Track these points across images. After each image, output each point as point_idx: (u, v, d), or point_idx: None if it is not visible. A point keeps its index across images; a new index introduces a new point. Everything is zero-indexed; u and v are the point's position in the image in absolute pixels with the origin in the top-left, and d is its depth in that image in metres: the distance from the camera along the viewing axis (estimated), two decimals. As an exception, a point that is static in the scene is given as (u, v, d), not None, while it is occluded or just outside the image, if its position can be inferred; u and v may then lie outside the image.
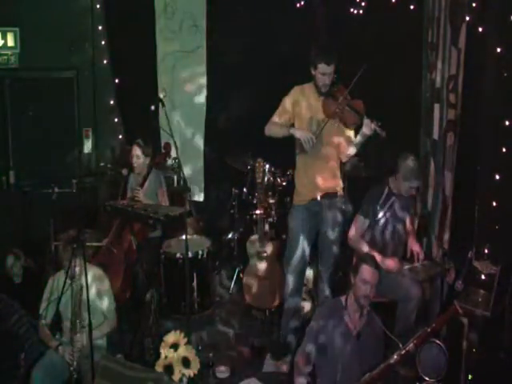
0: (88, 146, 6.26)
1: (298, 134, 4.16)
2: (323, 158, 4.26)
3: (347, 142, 4.27)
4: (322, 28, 5.54)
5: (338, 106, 4.11)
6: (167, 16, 6.20)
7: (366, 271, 3.49)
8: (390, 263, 4.18)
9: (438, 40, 4.77)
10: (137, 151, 4.94)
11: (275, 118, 4.30)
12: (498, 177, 3.84)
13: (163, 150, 5.55)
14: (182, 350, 3.81)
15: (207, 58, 6.22)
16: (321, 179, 4.27)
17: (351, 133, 4.26)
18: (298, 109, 4.24)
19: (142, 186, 4.81)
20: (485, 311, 3.60)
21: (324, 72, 4.09)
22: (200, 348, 4.40)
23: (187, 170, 6.21)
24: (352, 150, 4.27)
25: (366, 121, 4.05)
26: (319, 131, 4.13)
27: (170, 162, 5.89)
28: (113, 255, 4.71)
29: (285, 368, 4.26)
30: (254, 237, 5.16)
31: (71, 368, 3.72)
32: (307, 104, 4.23)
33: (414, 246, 4.36)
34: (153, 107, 6.11)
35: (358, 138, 4.16)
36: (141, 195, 4.74)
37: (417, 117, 5.31)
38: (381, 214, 4.27)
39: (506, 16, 3.71)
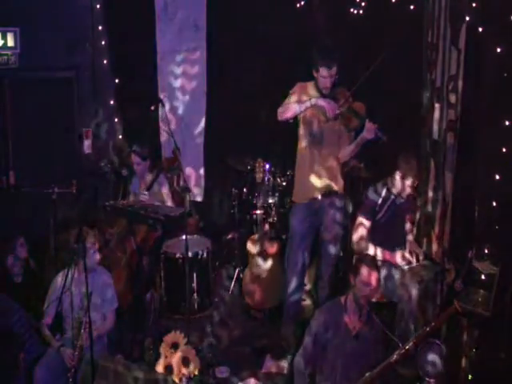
0: (88, 146, 6.26)
1: (321, 102, 4.11)
2: (324, 157, 4.26)
3: (348, 143, 4.27)
4: (322, 29, 5.54)
5: (340, 108, 4.10)
6: (167, 16, 6.20)
7: (366, 272, 3.49)
8: (398, 257, 4.19)
9: (437, 40, 4.76)
10: (136, 159, 4.96)
11: (288, 101, 4.26)
12: (497, 177, 3.84)
13: (164, 155, 5.54)
14: (182, 350, 3.80)
15: (207, 58, 6.22)
16: (321, 178, 4.27)
17: (352, 134, 4.26)
18: None
19: (148, 189, 4.81)
20: (485, 311, 3.60)
21: (325, 75, 4.08)
22: (200, 348, 4.40)
23: (187, 170, 6.21)
24: (350, 152, 4.27)
25: (368, 125, 4.03)
26: (343, 104, 4.08)
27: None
28: (116, 258, 4.71)
29: (285, 368, 4.26)
30: (254, 237, 5.16)
31: (68, 374, 3.71)
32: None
33: (414, 246, 4.36)
34: (153, 107, 6.13)
35: (358, 140, 4.16)
36: (147, 199, 4.74)
37: (417, 117, 5.31)
38: (380, 214, 4.28)
39: (506, 16, 3.71)
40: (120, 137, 6.32)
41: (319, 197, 4.30)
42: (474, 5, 4.01)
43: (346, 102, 4.09)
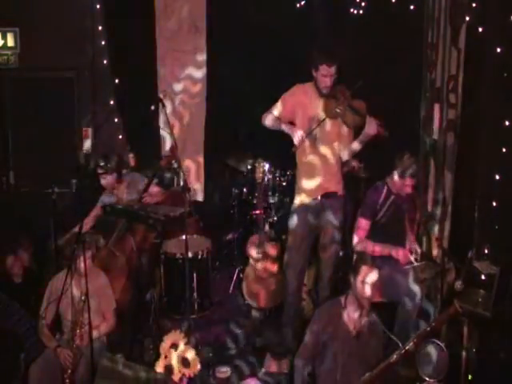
0: (88, 146, 6.26)
1: (288, 129, 4.14)
2: (324, 157, 4.25)
3: (348, 142, 4.26)
4: (322, 28, 5.55)
5: (339, 107, 4.09)
6: (167, 16, 6.20)
7: (366, 272, 3.49)
8: (401, 254, 4.21)
9: (437, 40, 4.77)
10: (101, 172, 4.75)
11: (273, 110, 4.29)
12: (497, 177, 3.85)
13: (165, 153, 5.53)
14: (182, 350, 3.80)
15: (207, 59, 6.22)
16: (321, 179, 4.26)
17: (352, 133, 4.26)
18: (299, 108, 4.22)
19: (145, 191, 4.80)
20: (485, 311, 3.60)
21: (326, 73, 4.06)
22: (200, 348, 4.40)
23: (187, 170, 6.21)
24: (353, 150, 4.26)
25: (370, 121, 4.02)
26: (312, 130, 4.11)
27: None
28: (115, 259, 4.70)
29: (285, 368, 4.26)
30: (254, 237, 5.16)
31: (64, 375, 3.72)
32: (308, 103, 4.20)
33: (414, 245, 4.36)
34: (153, 107, 6.13)
35: (360, 138, 4.14)
36: (149, 199, 4.73)
37: (417, 117, 5.31)
38: (381, 214, 4.28)
39: (506, 16, 3.72)
40: (120, 137, 6.32)
41: (319, 197, 4.30)
42: (474, 5, 4.02)
43: (346, 100, 4.09)
